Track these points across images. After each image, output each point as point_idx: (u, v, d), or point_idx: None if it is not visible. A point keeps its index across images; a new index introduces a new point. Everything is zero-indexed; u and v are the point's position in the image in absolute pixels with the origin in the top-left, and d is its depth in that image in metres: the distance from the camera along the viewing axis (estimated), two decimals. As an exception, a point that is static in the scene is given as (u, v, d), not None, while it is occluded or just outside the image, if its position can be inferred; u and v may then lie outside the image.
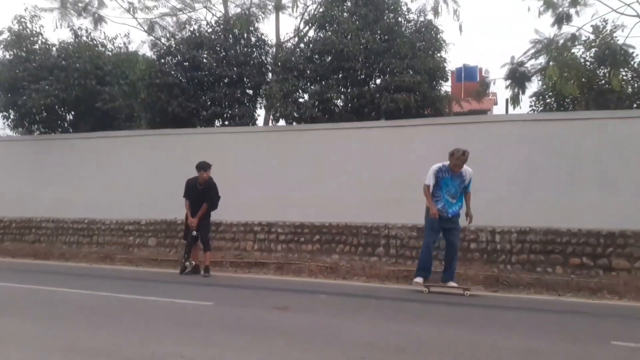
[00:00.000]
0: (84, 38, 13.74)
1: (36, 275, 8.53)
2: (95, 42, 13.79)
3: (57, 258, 10.82)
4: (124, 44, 14.52)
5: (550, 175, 8.81)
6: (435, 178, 7.21)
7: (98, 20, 15.45)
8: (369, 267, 8.73)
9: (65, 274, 8.91)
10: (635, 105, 11.95)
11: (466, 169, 7.18)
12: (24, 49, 13.17)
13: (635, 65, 12.10)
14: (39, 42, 13.56)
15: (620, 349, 4.42)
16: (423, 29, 11.56)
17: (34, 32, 13.57)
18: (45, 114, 13.14)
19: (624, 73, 11.89)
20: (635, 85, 12.18)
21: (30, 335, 4.57)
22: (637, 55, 12.20)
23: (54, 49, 13.38)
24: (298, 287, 7.70)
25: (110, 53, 13.95)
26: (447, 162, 7.18)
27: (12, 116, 13.53)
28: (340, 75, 11.33)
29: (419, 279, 7.24)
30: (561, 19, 13.10)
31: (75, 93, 12.37)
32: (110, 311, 5.72)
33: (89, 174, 12.00)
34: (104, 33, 19.64)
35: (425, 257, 7.31)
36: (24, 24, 13.45)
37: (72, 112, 13.74)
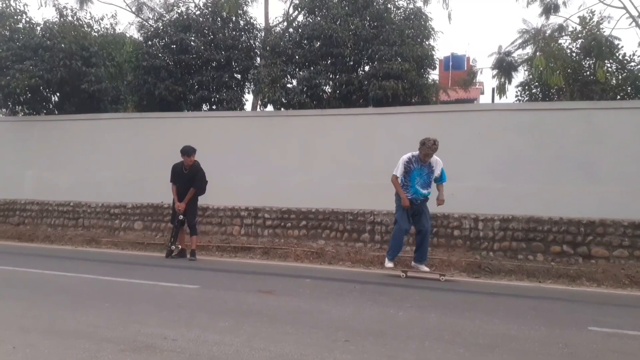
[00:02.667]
0: (70, 18, 13.52)
1: (20, 258, 8.47)
2: (81, 22, 13.56)
3: (41, 240, 10.75)
4: (111, 25, 14.33)
5: (534, 164, 8.94)
6: (405, 168, 7.35)
7: (84, -1, 15.20)
8: (354, 253, 8.82)
9: (50, 256, 8.87)
10: (618, 97, 12.10)
11: (436, 159, 7.31)
12: (8, 28, 12.92)
13: (620, 57, 12.23)
14: (23, 20, 13.31)
15: (597, 334, 4.54)
16: (412, 17, 11.54)
17: (17, 10, 13.31)
18: (29, 94, 12.95)
19: (608, 65, 12.02)
20: (620, 77, 12.32)
21: (11, 315, 4.56)
22: (622, 47, 12.34)
23: (39, 28, 13.13)
24: (283, 271, 7.76)
25: (96, 34, 13.74)
26: (416, 153, 7.28)
27: (-5, 97, 13.32)
28: (329, 61, 11.30)
29: (389, 264, 7.50)
30: (549, 9, 13.21)
31: (60, 74, 12.19)
32: (94, 293, 5.72)
33: (74, 157, 11.90)
34: (90, 13, 19.39)
35: (397, 242, 7.51)
36: (7, 1, 13.19)
37: (57, 94, 13.55)
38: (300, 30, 11.77)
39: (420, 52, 10.93)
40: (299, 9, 12.68)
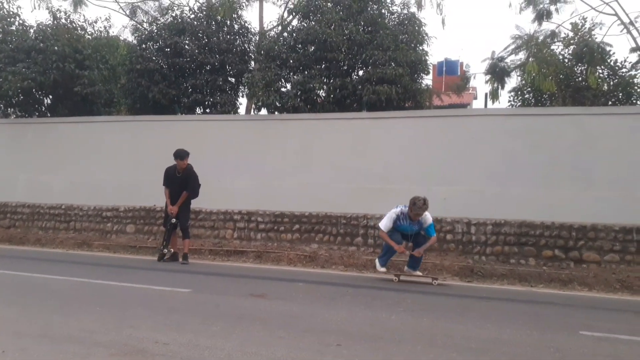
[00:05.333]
0: (63, 20, 13.45)
1: (11, 261, 8.43)
2: (74, 25, 13.50)
3: (32, 244, 10.68)
4: (105, 27, 14.27)
5: (526, 169, 8.99)
6: (393, 224, 7.36)
7: (78, 2, 15.18)
8: (347, 257, 8.82)
9: (41, 259, 8.81)
10: (610, 103, 12.20)
11: (425, 215, 7.27)
12: (0, 30, 12.86)
13: (612, 63, 12.33)
14: (16, 23, 13.24)
15: (588, 338, 4.57)
16: (406, 22, 11.58)
17: (10, 12, 13.24)
18: (22, 97, 12.88)
19: (600, 71, 12.11)
20: (611, 82, 12.42)
21: (3, 320, 4.53)
22: (613, 53, 12.45)
23: (32, 30, 13.07)
24: (276, 275, 7.75)
25: (90, 37, 13.68)
26: (406, 209, 7.28)
27: (-13, 99, 13.23)
28: (323, 65, 11.31)
29: (382, 268, 7.54)
30: (541, 16, 13.32)
31: (54, 76, 12.14)
32: (86, 297, 5.69)
33: (66, 159, 11.85)
34: (84, 16, 19.31)
35: (390, 250, 7.50)
36: (0, 3, 13.13)
37: (50, 96, 13.49)
38: (294, 34, 11.78)
39: (414, 57, 10.97)
40: (294, 14, 12.69)
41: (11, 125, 12.98)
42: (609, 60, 12.31)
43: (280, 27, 14.22)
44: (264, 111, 11.95)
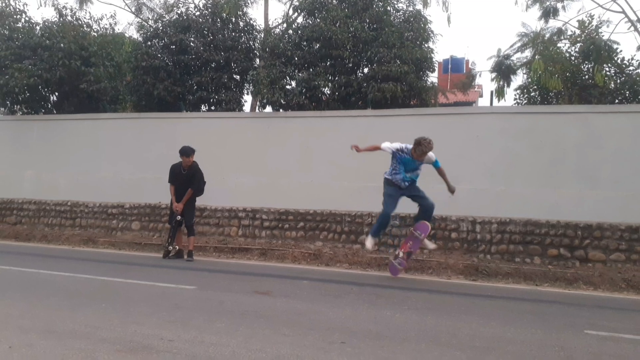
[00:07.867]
0: (69, 17, 13.53)
1: (17, 257, 8.46)
2: (80, 22, 13.57)
3: (39, 240, 10.74)
4: (110, 25, 14.35)
5: (532, 168, 8.96)
6: (395, 152, 7.35)
7: (83, -1, 15.21)
8: (351, 254, 8.82)
9: (47, 256, 8.86)
10: (617, 101, 12.13)
11: (429, 154, 7.27)
12: (7, 27, 12.93)
13: (619, 61, 12.26)
14: (23, 20, 13.32)
15: (593, 337, 4.54)
16: (411, 19, 11.55)
17: (17, 9, 13.32)
18: (28, 94, 12.96)
19: (607, 69, 12.04)
20: (618, 80, 12.35)
21: (8, 315, 4.56)
22: (620, 51, 12.37)
23: (38, 27, 13.15)
24: (281, 272, 7.76)
25: (95, 34, 13.75)
26: (411, 146, 7.26)
27: (-7, 96, 13.30)
28: (328, 63, 11.31)
29: (369, 242, 7.46)
30: (548, 13, 13.25)
31: (59, 73, 12.20)
32: (91, 293, 5.72)
33: (72, 156, 11.90)
34: (90, 13, 19.42)
35: (381, 224, 7.47)
36: (6, 1, 13.18)
37: (56, 93, 13.56)
38: (299, 31, 11.78)
39: (420, 55, 10.94)
40: (299, 11, 12.70)
41: (17, 122, 13.04)
42: (615, 58, 12.24)
43: (285, 25, 14.22)
44: (268, 108, 11.97)
